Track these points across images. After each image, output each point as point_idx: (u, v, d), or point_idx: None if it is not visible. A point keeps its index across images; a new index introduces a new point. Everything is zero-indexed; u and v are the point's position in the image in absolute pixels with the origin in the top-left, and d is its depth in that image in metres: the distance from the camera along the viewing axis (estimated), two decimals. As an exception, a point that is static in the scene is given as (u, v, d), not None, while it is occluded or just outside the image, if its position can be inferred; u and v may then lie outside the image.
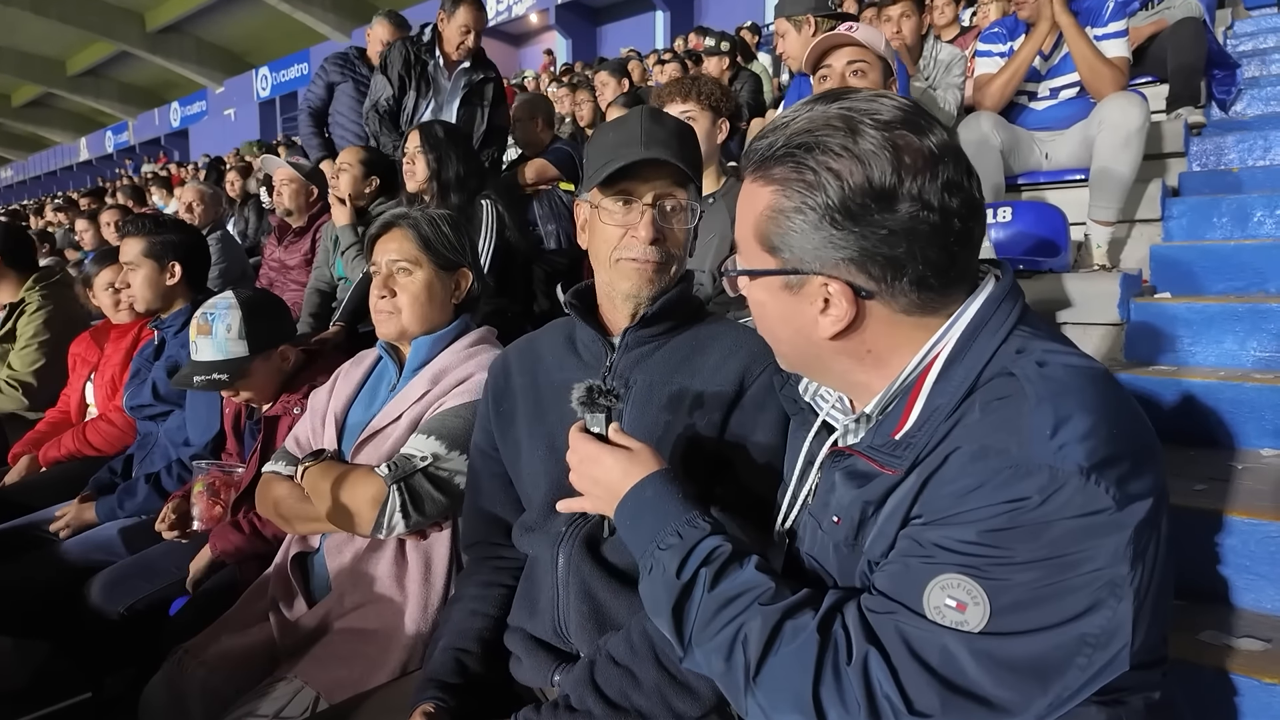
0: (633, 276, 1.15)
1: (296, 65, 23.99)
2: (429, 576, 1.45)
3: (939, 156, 0.75)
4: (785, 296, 0.82)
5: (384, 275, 1.57)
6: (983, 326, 0.79)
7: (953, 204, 0.75)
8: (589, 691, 1.01)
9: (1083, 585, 0.68)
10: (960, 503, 0.71)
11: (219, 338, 1.80)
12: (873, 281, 0.77)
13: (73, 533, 2.15)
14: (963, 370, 0.77)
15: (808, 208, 0.76)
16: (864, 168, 0.74)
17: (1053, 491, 0.68)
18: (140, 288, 2.37)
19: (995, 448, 0.71)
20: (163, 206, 9.51)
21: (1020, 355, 0.76)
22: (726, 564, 0.82)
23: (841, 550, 0.85)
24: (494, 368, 1.32)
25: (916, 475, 0.76)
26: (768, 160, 0.80)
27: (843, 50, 2.16)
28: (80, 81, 28.51)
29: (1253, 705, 1.20)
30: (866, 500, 0.81)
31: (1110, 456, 0.69)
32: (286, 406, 1.84)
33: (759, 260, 0.83)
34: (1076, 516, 0.67)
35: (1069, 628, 0.68)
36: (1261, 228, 2.62)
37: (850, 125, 0.76)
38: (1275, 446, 1.79)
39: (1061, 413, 0.70)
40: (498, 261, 2.56)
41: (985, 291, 0.81)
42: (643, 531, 0.89)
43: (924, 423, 0.77)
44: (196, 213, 4.12)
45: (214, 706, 1.38)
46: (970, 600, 0.69)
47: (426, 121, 2.71)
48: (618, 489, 0.92)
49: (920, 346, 0.80)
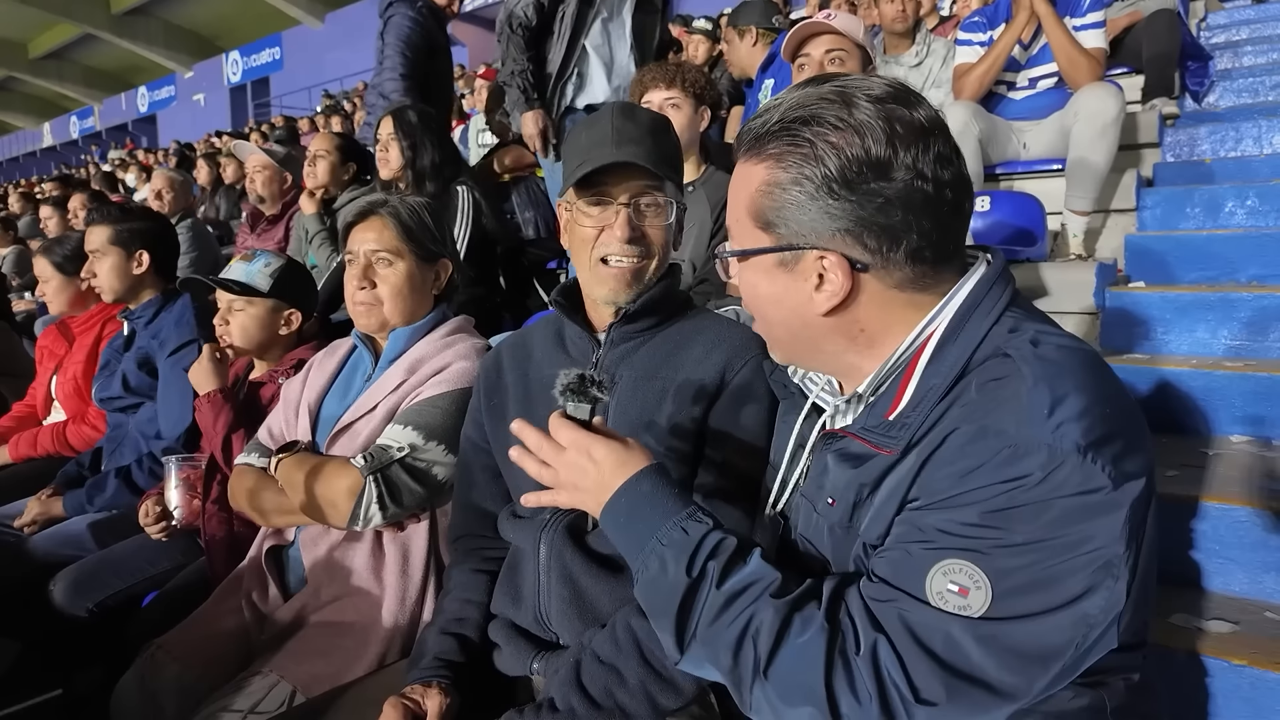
0: (609, 282, 1.16)
1: (268, 50, 23.57)
2: (406, 568, 1.44)
3: (930, 130, 0.77)
4: (779, 275, 0.82)
5: (363, 265, 1.53)
6: (976, 307, 0.79)
7: (945, 176, 0.76)
8: (573, 691, 1.02)
9: (1083, 566, 0.69)
10: (960, 484, 0.71)
11: (254, 267, 1.89)
12: (868, 253, 0.77)
13: (40, 528, 2.10)
14: (957, 350, 0.78)
15: (805, 178, 0.77)
16: (860, 138, 0.75)
17: (1051, 470, 0.68)
18: (107, 276, 2.31)
19: (994, 428, 0.71)
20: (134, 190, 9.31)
21: (1014, 335, 0.77)
22: (733, 558, 0.81)
23: (836, 532, 0.85)
24: (486, 362, 1.33)
25: (914, 457, 0.76)
26: (762, 138, 0.80)
27: (821, 38, 2.15)
28: (43, 65, 27.80)
29: (1222, 686, 1.22)
30: (862, 482, 0.81)
31: (1106, 435, 0.69)
32: (272, 374, 1.83)
33: (752, 239, 0.83)
34: (1074, 495, 0.68)
35: (1071, 609, 0.69)
36: (1232, 218, 2.66)
37: (845, 99, 0.77)
38: (1245, 433, 1.82)
39: (1058, 392, 0.70)
40: (474, 250, 2.53)
41: (978, 273, 0.82)
42: (640, 527, 0.85)
43: (918, 402, 0.78)
44: (166, 200, 4.03)
45: (188, 703, 1.36)
46: (972, 584, 0.70)
47: (399, 107, 2.64)
48: (610, 482, 0.87)
49: (913, 326, 0.80)
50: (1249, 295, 2.08)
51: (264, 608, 1.51)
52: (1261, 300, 2.05)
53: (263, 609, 1.51)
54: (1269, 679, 1.18)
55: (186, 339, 2.19)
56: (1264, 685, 1.19)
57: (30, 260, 3.97)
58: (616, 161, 1.10)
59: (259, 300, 1.88)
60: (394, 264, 1.54)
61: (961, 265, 0.83)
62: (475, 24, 19.70)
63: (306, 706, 1.26)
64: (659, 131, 1.16)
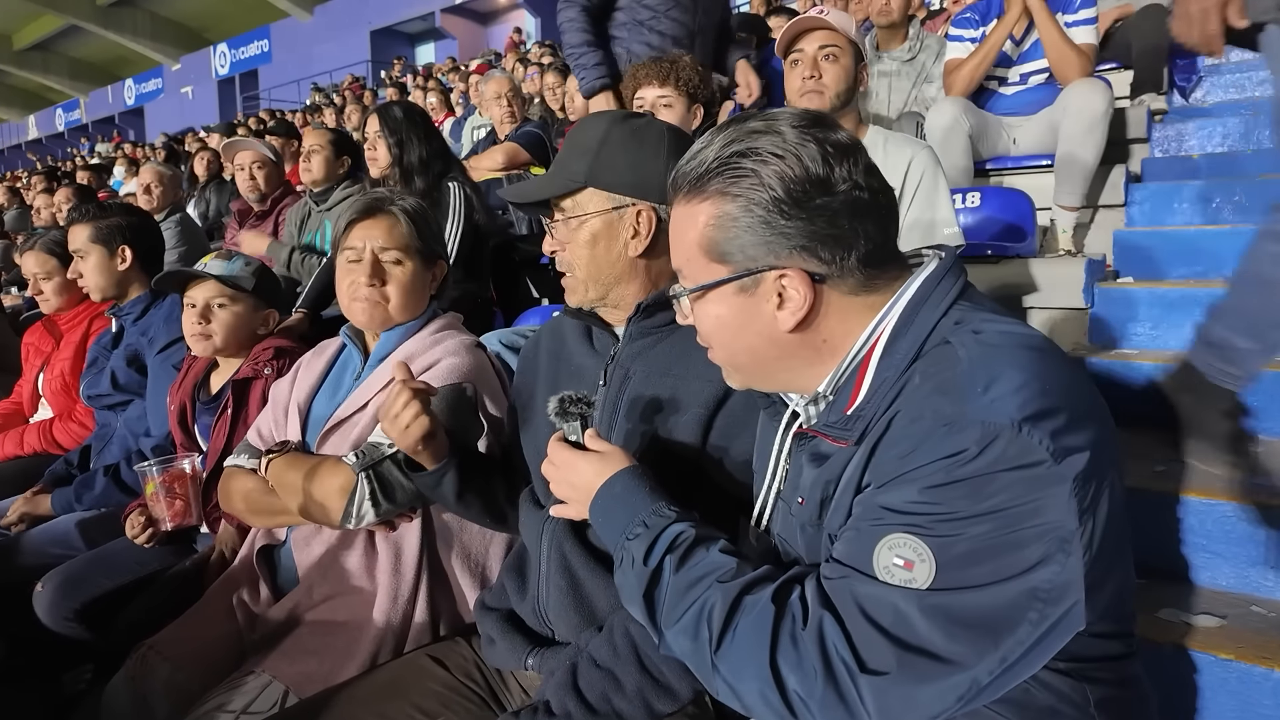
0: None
1: (256, 42, 23.37)
2: (399, 567, 1.43)
3: (854, 146, 0.83)
4: (741, 301, 0.85)
5: (370, 262, 1.51)
6: (924, 301, 0.83)
7: (875, 184, 0.83)
8: (569, 695, 1.02)
9: (1030, 540, 0.70)
10: (902, 464, 0.75)
11: (234, 266, 1.89)
12: (824, 265, 0.81)
13: (27, 527, 2.08)
14: (906, 343, 0.81)
15: (755, 205, 0.81)
16: (799, 160, 0.80)
17: (986, 444, 0.70)
18: (92, 275, 2.29)
19: (930, 408, 0.75)
20: (119, 184, 9.21)
21: (958, 326, 0.81)
22: (691, 548, 0.86)
23: (808, 530, 0.87)
24: (529, 341, 1.38)
25: (865, 445, 0.80)
26: (703, 177, 0.84)
27: (814, 34, 2.14)
28: (27, 56, 27.46)
29: (1209, 680, 1.24)
30: (827, 479, 0.84)
31: (1043, 410, 0.71)
32: (256, 368, 1.82)
33: (709, 273, 0.86)
34: (1013, 469, 0.70)
35: (1017, 582, 0.70)
36: (1220, 214, 2.67)
37: (773, 129, 0.82)
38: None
39: (994, 371, 0.74)
40: (466, 245, 2.51)
41: (927, 270, 0.85)
42: (614, 525, 0.93)
43: (872, 395, 0.81)
44: (155, 194, 3.99)
45: (179, 704, 1.35)
46: (917, 558, 0.72)
47: (384, 104, 2.62)
48: (591, 489, 0.96)
49: (867, 325, 0.84)
50: (1236, 291, 2.10)
51: (255, 608, 1.51)
52: (1249, 296, 2.07)
53: (254, 609, 1.50)
54: (1256, 673, 1.19)
55: (176, 335, 2.17)
56: (1251, 680, 1.20)
57: (12, 255, 3.92)
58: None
59: (243, 297, 1.87)
60: (403, 263, 1.53)
61: (902, 263, 0.87)
62: (465, 17, 19.60)
63: (299, 707, 1.26)
64: (597, 147, 1.14)
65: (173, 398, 2.00)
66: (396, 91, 11.44)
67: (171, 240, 3.54)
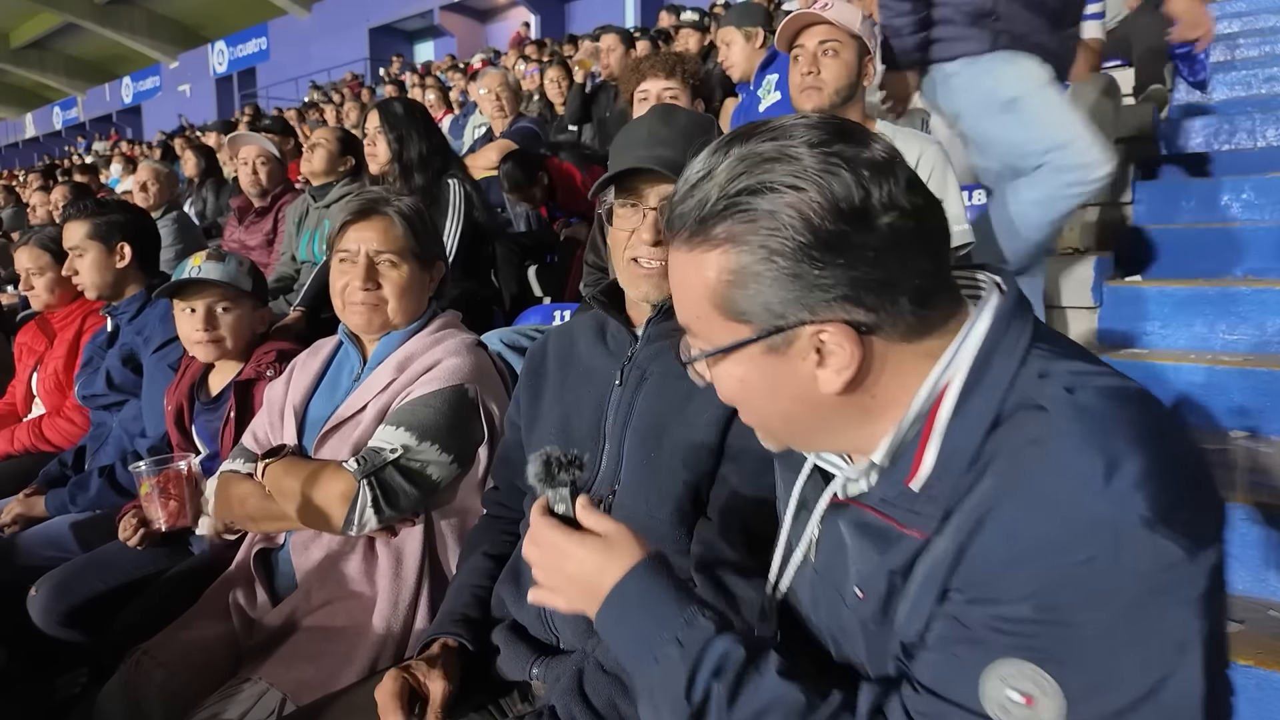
0: (640, 284, 1.16)
1: (254, 40, 23.31)
2: (400, 572, 1.40)
3: (890, 161, 0.67)
4: (770, 362, 0.69)
5: (365, 265, 1.48)
6: (995, 348, 0.68)
7: (920, 201, 0.67)
8: (575, 700, 1.00)
9: (1158, 653, 0.60)
10: (1008, 572, 0.61)
11: (229, 266, 1.84)
12: (870, 313, 0.66)
13: (21, 528, 2.05)
14: (980, 402, 0.67)
15: (775, 255, 0.65)
16: (826, 192, 0.64)
17: (1118, 551, 0.58)
18: (89, 272, 2.25)
19: (1042, 505, 0.61)
20: (115, 182, 9.17)
21: (1044, 381, 0.66)
22: (743, 673, 0.70)
23: (869, 628, 0.73)
24: (534, 346, 1.35)
25: (949, 538, 0.65)
26: (705, 220, 0.67)
27: (815, 29, 2.12)
28: (24, 54, 27.38)
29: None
30: (892, 569, 0.70)
31: (1173, 500, 0.59)
32: (259, 370, 1.79)
33: (728, 333, 0.70)
34: (1145, 575, 0.58)
35: (1150, 702, 0.60)
36: (1228, 211, 2.65)
37: (787, 155, 0.65)
38: (1243, 428, 1.82)
39: (1110, 452, 0.60)
40: (466, 242, 2.49)
41: (990, 306, 0.70)
42: (633, 641, 0.76)
43: (944, 469, 0.67)
44: (151, 192, 3.96)
45: (174, 709, 1.32)
46: (1039, 691, 0.60)
47: (385, 100, 2.61)
48: (596, 588, 0.78)
49: (925, 376, 0.69)
50: (1247, 289, 2.08)
51: (252, 613, 1.48)
52: (1261, 294, 2.05)
53: (251, 614, 1.48)
54: (1275, 679, 1.17)
55: (172, 335, 2.14)
56: (1269, 686, 1.18)
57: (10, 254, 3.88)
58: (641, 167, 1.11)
59: (243, 300, 1.84)
60: (399, 266, 1.50)
61: (957, 295, 0.72)
62: (464, 15, 19.55)
63: (297, 715, 1.23)
64: (692, 134, 1.15)
65: (169, 398, 1.97)
66: (395, 89, 11.40)
67: (168, 238, 3.52)
